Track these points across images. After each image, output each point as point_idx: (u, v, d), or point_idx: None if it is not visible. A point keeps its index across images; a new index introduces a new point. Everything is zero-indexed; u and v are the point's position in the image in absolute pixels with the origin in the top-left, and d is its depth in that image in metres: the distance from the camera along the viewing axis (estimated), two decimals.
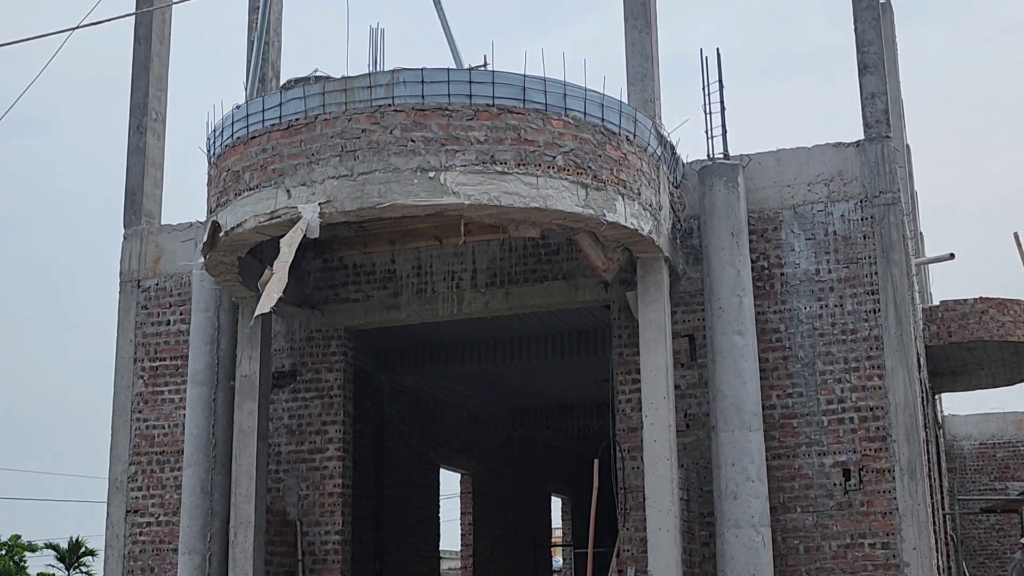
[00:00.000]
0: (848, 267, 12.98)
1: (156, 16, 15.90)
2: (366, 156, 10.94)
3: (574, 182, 11.19)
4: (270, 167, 11.30)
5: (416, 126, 10.95)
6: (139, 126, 15.62)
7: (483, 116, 11.02)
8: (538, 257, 13.69)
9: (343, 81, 11.26)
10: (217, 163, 12.04)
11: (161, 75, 16.00)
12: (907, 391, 12.52)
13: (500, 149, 10.98)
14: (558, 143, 11.21)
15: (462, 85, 11.09)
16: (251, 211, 11.37)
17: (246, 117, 11.63)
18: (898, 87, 22.17)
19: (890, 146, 13.19)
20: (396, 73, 11.11)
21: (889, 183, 13.02)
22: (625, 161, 11.71)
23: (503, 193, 10.89)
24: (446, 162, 10.88)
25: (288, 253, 11.01)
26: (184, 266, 14.43)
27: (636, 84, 13.99)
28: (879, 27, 13.54)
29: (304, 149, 11.13)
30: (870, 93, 13.27)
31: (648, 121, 12.35)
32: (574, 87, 11.43)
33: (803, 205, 13.27)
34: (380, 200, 10.84)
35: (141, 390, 14.96)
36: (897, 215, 12.96)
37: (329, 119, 11.12)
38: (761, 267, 13.18)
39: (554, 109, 11.27)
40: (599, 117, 11.54)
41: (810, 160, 13.38)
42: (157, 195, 15.71)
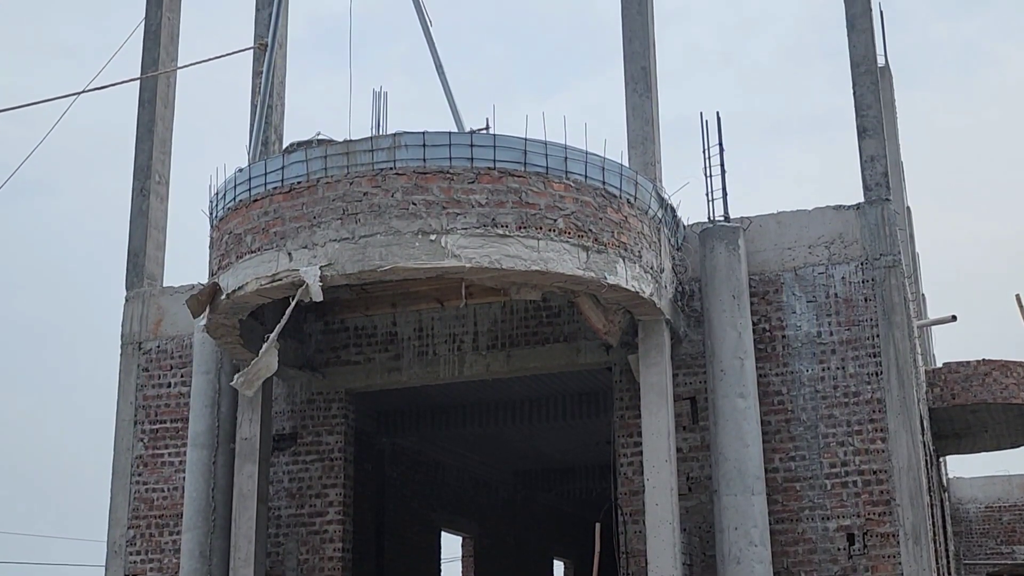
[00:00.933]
0: (850, 329, 12.96)
1: (161, 80, 16.04)
2: (368, 219, 10.98)
3: (575, 245, 11.21)
4: (272, 230, 11.33)
5: (418, 189, 11.00)
6: (142, 189, 15.70)
7: (484, 179, 11.08)
8: (539, 320, 13.69)
9: (345, 144, 11.32)
10: (219, 226, 12.08)
11: (165, 138, 16.11)
12: (910, 454, 12.45)
13: (501, 212, 11.02)
14: (559, 206, 11.25)
15: (464, 148, 11.16)
16: (253, 273, 11.39)
17: (248, 180, 11.69)
18: (898, 150, 22.29)
19: (890, 209, 13.24)
20: (398, 137, 11.18)
21: (890, 245, 13.04)
22: (626, 224, 11.75)
23: (504, 256, 10.91)
24: (447, 225, 10.91)
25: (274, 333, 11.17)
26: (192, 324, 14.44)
27: (637, 147, 14.08)
28: (878, 91, 13.64)
29: (306, 212, 11.17)
30: (869, 156, 13.34)
31: (649, 184, 12.40)
32: (575, 150, 11.49)
33: (804, 267, 13.28)
34: (381, 263, 10.86)
35: (141, 453, 14.90)
36: (898, 277, 12.97)
37: (331, 182, 11.17)
38: (763, 329, 13.16)
39: (555, 172, 11.32)
40: (600, 180, 11.59)
41: (811, 223, 13.42)
42: (160, 257, 15.74)
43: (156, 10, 16.48)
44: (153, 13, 16.47)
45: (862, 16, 13.78)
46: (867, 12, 13.81)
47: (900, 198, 21.75)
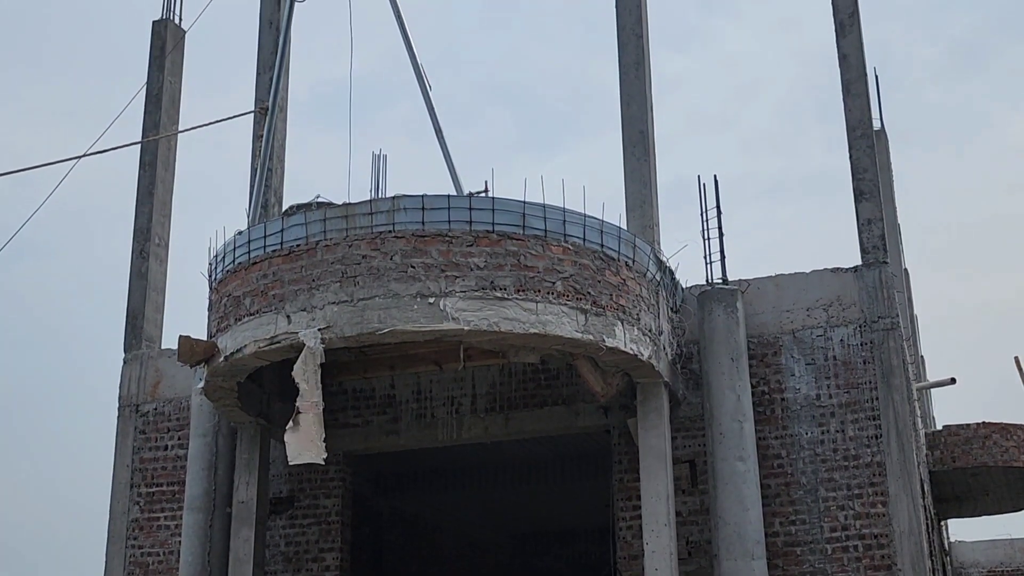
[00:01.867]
0: (849, 392, 12.94)
1: (162, 143, 16.14)
2: (366, 282, 11.00)
3: (573, 308, 11.22)
4: (271, 292, 11.35)
5: (416, 252, 11.02)
6: (142, 251, 15.74)
7: (483, 242, 11.11)
8: (537, 382, 13.67)
9: (344, 208, 11.37)
10: (218, 288, 12.09)
11: (165, 200, 16.18)
12: (911, 518, 12.37)
13: (500, 275, 11.04)
14: (557, 269, 11.28)
15: (462, 212, 11.20)
16: (251, 336, 11.38)
17: (248, 243, 11.72)
18: (895, 212, 22.39)
19: (887, 271, 13.27)
20: (397, 200, 11.23)
21: (887, 308, 13.06)
22: (624, 287, 11.76)
23: (503, 319, 10.92)
24: (446, 288, 10.92)
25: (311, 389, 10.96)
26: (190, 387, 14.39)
27: (635, 210, 14.14)
28: (874, 154, 13.73)
29: (305, 275, 11.19)
30: (866, 219, 13.40)
31: (647, 247, 12.44)
32: (573, 213, 11.54)
33: (803, 330, 13.29)
34: (380, 326, 10.85)
35: (137, 516, 14.79)
36: (896, 340, 12.97)
37: (330, 245, 11.20)
38: (762, 392, 13.14)
39: (554, 235, 11.36)
40: (598, 243, 11.63)
41: (809, 285, 13.45)
42: (158, 319, 15.75)
43: (158, 74, 16.64)
44: (155, 77, 16.62)
45: (857, 81, 13.90)
46: (862, 77, 13.93)
47: (898, 261, 21.80)
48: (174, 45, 16.82)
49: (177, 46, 16.93)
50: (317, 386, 10.99)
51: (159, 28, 16.95)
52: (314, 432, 10.98)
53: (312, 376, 10.95)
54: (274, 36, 16.22)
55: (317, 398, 11.01)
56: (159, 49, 16.78)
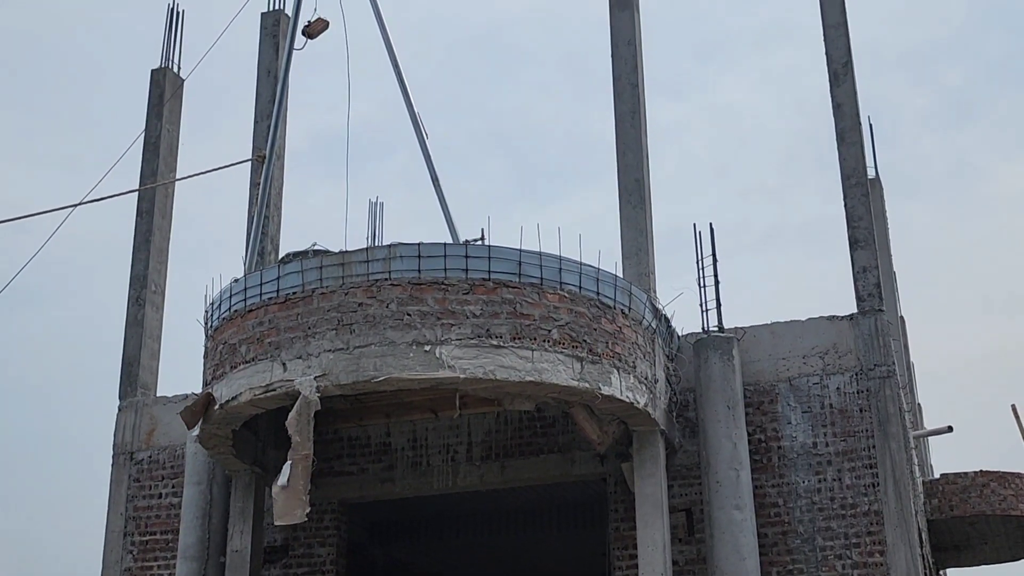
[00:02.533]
0: (846, 440, 12.91)
1: (159, 191, 16.19)
2: (362, 329, 11.00)
3: (569, 356, 11.22)
4: (267, 340, 11.34)
5: (412, 300, 11.04)
6: (138, 298, 15.74)
7: (479, 290, 11.13)
8: (533, 430, 13.64)
9: (341, 255, 11.40)
10: (214, 336, 12.09)
11: (162, 248, 16.20)
12: (910, 567, 12.30)
13: (496, 323, 11.04)
14: (553, 317, 11.29)
15: (458, 260, 11.23)
16: (247, 384, 11.37)
17: (244, 291, 11.73)
18: (890, 260, 22.43)
19: (883, 319, 13.28)
20: (393, 248, 11.26)
21: (883, 356, 13.06)
22: (620, 334, 11.77)
23: (498, 367, 10.91)
24: (442, 336, 10.93)
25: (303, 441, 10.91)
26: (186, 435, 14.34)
27: (631, 258, 14.18)
28: (868, 203, 13.79)
29: (301, 322, 11.19)
30: (862, 267, 13.43)
31: (643, 294, 12.46)
32: (569, 261, 11.57)
33: (799, 378, 13.28)
34: (376, 374, 10.84)
35: (130, 565, 14.68)
36: (893, 388, 12.96)
37: (326, 293, 11.21)
38: (758, 440, 13.11)
39: (550, 283, 11.38)
40: (594, 291, 11.65)
41: (804, 333, 13.46)
42: (154, 366, 15.72)
43: (156, 122, 16.72)
44: (153, 125, 16.70)
45: (851, 130, 13.99)
46: (856, 126, 14.03)
47: (893, 308, 21.82)
48: (172, 93, 16.91)
49: (175, 94, 17.02)
50: (309, 438, 10.95)
51: (158, 76, 17.05)
52: (301, 487, 10.90)
53: (305, 427, 10.92)
54: (272, 84, 16.33)
55: (308, 450, 10.96)
56: (157, 97, 16.87)
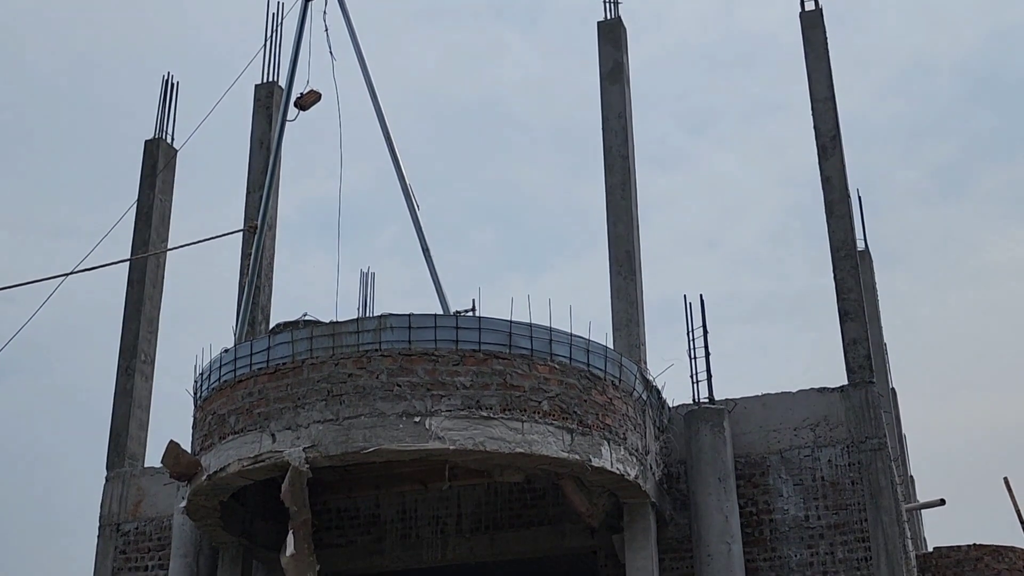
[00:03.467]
0: (837, 513, 12.84)
1: (150, 260, 16.21)
2: (352, 400, 10.96)
3: (560, 427, 11.18)
4: (256, 411, 11.29)
5: (403, 371, 11.01)
6: (127, 368, 15.69)
7: (469, 361, 11.11)
8: (523, 502, 13.54)
9: (331, 326, 11.39)
10: (203, 406, 12.03)
11: (152, 317, 16.18)
12: None
13: (486, 394, 11.02)
14: (544, 388, 11.26)
15: (449, 331, 11.23)
16: (235, 455, 11.30)
17: (234, 361, 11.70)
18: (880, 332, 22.45)
19: (874, 392, 13.27)
20: (384, 319, 11.26)
21: (875, 428, 13.03)
22: (611, 406, 11.74)
23: (488, 438, 10.87)
24: (432, 407, 10.89)
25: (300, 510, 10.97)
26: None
27: (622, 329, 14.19)
28: (858, 275, 13.84)
29: (290, 393, 11.15)
30: (852, 339, 13.45)
31: (633, 366, 12.44)
32: (560, 333, 11.57)
33: (790, 450, 13.24)
34: (365, 445, 10.79)
35: None
36: (884, 461, 12.91)
37: (316, 363, 11.18)
38: (750, 513, 13.03)
39: (540, 354, 11.37)
40: (585, 362, 11.63)
41: (795, 405, 13.44)
42: (142, 437, 15.62)
43: (148, 192, 16.79)
44: (145, 195, 16.77)
45: (840, 202, 14.09)
46: (845, 198, 14.13)
47: (884, 380, 21.80)
48: (165, 164, 17.00)
49: (168, 164, 17.11)
50: (305, 503, 11.00)
51: (151, 147, 17.16)
52: (307, 551, 11.06)
53: (300, 495, 10.92)
54: (265, 155, 16.43)
55: (307, 515, 11.05)
56: (150, 167, 16.96)
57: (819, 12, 15.28)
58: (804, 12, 15.37)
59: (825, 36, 15.11)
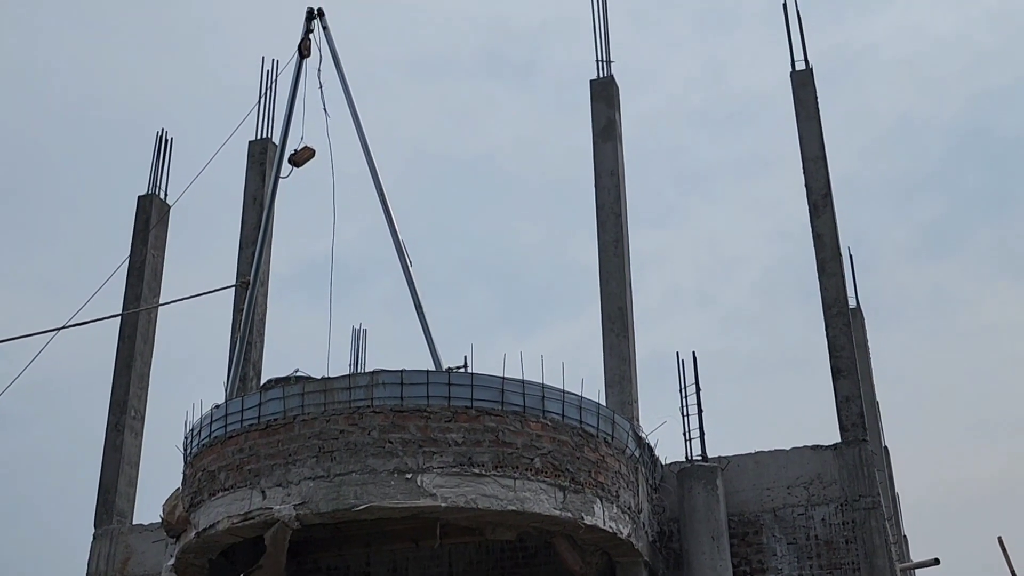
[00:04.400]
0: (832, 573, 12.73)
1: (142, 316, 16.17)
2: (343, 457, 10.89)
3: (552, 485, 11.11)
4: (246, 467, 11.22)
5: (394, 427, 10.96)
6: (117, 424, 15.60)
7: (461, 418, 11.06)
8: (515, 560, 13.42)
9: (323, 382, 11.34)
10: (193, 463, 11.95)
11: (143, 373, 16.12)
12: None
13: (478, 451, 10.96)
14: (536, 445, 11.21)
15: (441, 387, 11.19)
16: (225, 512, 11.20)
17: (225, 417, 11.64)
18: (873, 390, 22.41)
19: (867, 449, 13.23)
20: (376, 375, 11.22)
21: (868, 487, 12.97)
22: (603, 463, 11.68)
23: (480, 496, 10.80)
24: (423, 464, 10.83)
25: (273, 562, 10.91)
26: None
27: (614, 386, 14.15)
28: (850, 332, 13.84)
29: (281, 450, 11.09)
30: (844, 397, 13.42)
31: (626, 423, 12.40)
32: (552, 389, 11.53)
33: (783, 508, 13.16)
34: (356, 502, 10.71)
35: None
36: (878, 519, 12.84)
37: (308, 420, 11.13)
38: (743, 572, 12.92)
39: (532, 411, 11.33)
40: (577, 419, 11.59)
41: (789, 463, 13.38)
42: (130, 494, 15.50)
43: (141, 247, 16.79)
44: (138, 250, 16.77)
45: (832, 260, 14.13)
46: (836, 256, 14.16)
47: (877, 438, 21.73)
48: (158, 219, 17.02)
49: (161, 220, 17.13)
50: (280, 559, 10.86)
51: (144, 202, 17.19)
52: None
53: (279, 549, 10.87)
54: (258, 211, 16.46)
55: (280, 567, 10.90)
56: (143, 223, 16.98)
57: (809, 72, 15.42)
58: (795, 72, 15.51)
59: (815, 95, 15.24)
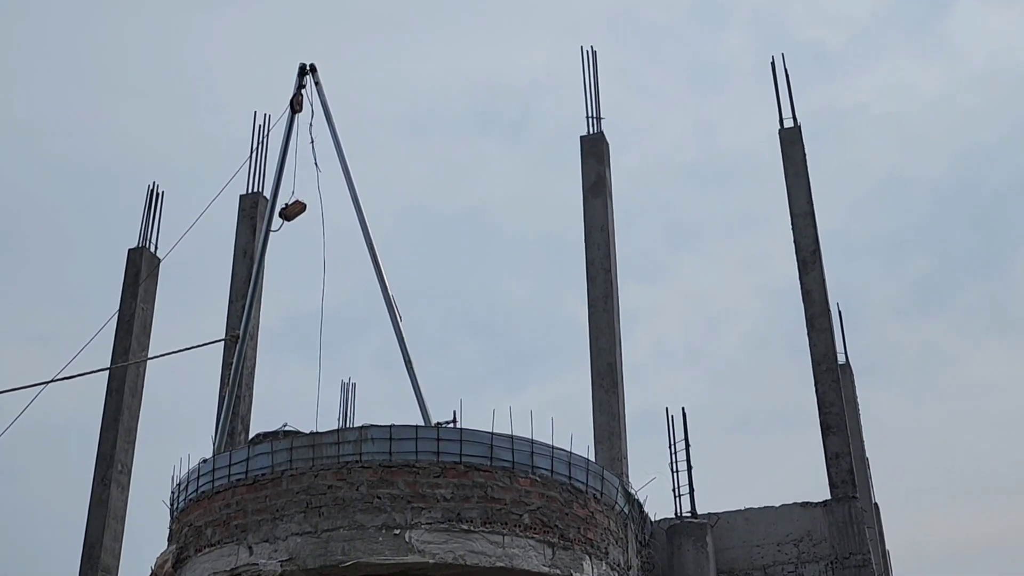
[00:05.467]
0: None
1: (130, 369, 16.12)
2: (331, 512, 10.83)
3: (540, 541, 11.06)
4: (233, 523, 11.15)
5: (383, 483, 10.91)
6: (104, 478, 15.50)
7: (450, 474, 11.02)
8: None
9: (311, 437, 11.31)
10: (180, 518, 11.87)
11: (130, 427, 16.05)
12: None
13: (466, 507, 10.91)
14: (525, 501, 11.16)
15: (430, 443, 11.15)
16: (211, 568, 11.12)
17: (212, 472, 11.58)
18: (862, 446, 22.37)
19: (857, 507, 13.19)
20: (364, 430, 11.18)
21: (858, 544, 12.92)
22: (592, 520, 11.63)
23: (468, 552, 10.73)
24: (411, 520, 10.77)
25: None
26: None
27: (603, 442, 14.12)
28: (839, 388, 13.86)
29: (269, 505, 11.02)
30: (834, 453, 13.41)
31: (615, 479, 12.36)
32: (541, 445, 11.50)
33: (773, 566, 13.10)
34: (344, 558, 10.64)
35: None
36: None
37: (296, 475, 11.08)
38: None
39: (521, 467, 11.29)
40: (566, 475, 11.55)
41: (778, 520, 13.33)
42: (116, 548, 15.38)
43: (131, 301, 16.78)
44: (127, 304, 16.76)
45: (821, 316, 14.17)
46: (825, 312, 14.21)
47: (867, 495, 21.67)
48: (148, 273, 17.03)
49: (151, 274, 17.13)
50: None
51: (134, 256, 17.20)
52: None
53: None
54: (248, 265, 16.47)
55: None
56: (133, 276, 16.98)
57: (797, 129, 15.56)
58: (783, 129, 15.64)
59: (804, 152, 15.37)
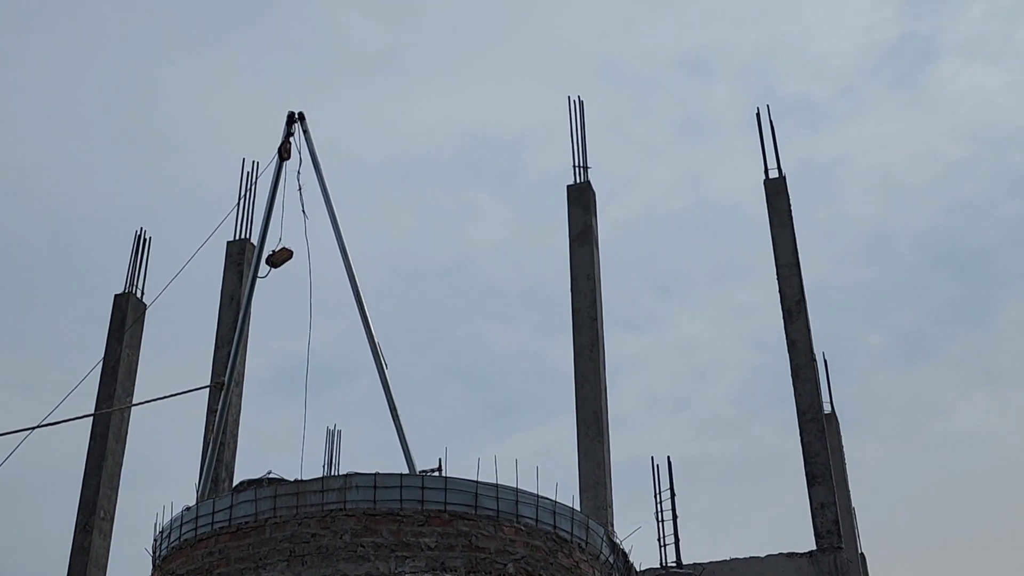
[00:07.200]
0: None
1: (114, 415, 16.07)
2: (315, 561, 10.77)
3: None
4: (216, 571, 11.07)
5: (367, 531, 10.86)
6: (86, 525, 15.41)
7: (435, 522, 10.98)
8: None
9: (295, 484, 11.26)
10: (162, 566, 11.79)
11: (114, 473, 15.97)
12: None
13: (451, 556, 10.86)
14: (509, 550, 11.12)
15: (414, 491, 11.12)
16: None
17: (195, 519, 11.51)
18: (848, 496, 22.36)
19: (843, 557, 13.18)
20: (349, 478, 11.15)
21: None
22: (577, 569, 11.58)
23: None
24: (396, 568, 10.71)
25: None
26: None
27: (589, 490, 14.09)
28: (825, 438, 13.88)
29: (252, 553, 10.95)
30: (820, 503, 13.41)
31: (600, 528, 12.32)
32: (526, 494, 11.48)
33: None
34: None
35: None
36: None
37: (279, 523, 11.02)
38: None
39: (506, 516, 11.26)
40: (551, 524, 11.52)
41: (764, 570, 13.30)
42: None
43: (116, 346, 16.75)
44: (113, 349, 16.73)
45: (806, 366, 14.22)
46: (811, 362, 14.26)
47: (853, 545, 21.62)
48: (135, 319, 17.01)
49: (137, 320, 17.12)
50: None
51: (120, 301, 17.20)
52: None
53: None
54: (234, 311, 16.48)
55: None
56: (119, 321, 16.97)
57: (783, 180, 15.69)
58: (768, 180, 15.77)
59: (789, 203, 15.48)
